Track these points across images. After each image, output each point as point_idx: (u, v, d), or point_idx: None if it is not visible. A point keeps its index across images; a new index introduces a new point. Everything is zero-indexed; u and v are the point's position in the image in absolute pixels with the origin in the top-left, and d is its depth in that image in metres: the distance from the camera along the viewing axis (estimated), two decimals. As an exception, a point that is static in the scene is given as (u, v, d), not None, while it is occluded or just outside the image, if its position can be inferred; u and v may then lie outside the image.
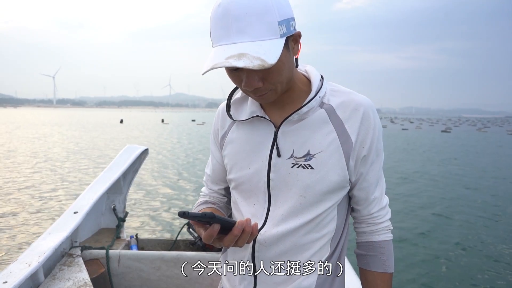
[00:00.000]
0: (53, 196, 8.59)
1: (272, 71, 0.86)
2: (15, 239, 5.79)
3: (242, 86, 0.90)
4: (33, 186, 9.49)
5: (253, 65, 0.79)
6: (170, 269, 2.27)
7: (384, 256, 1.04)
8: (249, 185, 1.01)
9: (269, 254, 0.99)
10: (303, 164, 0.95)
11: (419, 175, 12.27)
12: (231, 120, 1.06)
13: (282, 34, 0.83)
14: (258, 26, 0.81)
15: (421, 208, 8.02)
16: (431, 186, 10.55)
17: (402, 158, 16.73)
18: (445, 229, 6.66)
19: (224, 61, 0.80)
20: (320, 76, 1.00)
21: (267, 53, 0.80)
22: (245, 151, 1.02)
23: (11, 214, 7.08)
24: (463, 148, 23.13)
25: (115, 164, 2.95)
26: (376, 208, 1.03)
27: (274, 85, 0.90)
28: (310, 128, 0.96)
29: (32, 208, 7.49)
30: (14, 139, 22.60)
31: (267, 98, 0.93)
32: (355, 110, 0.96)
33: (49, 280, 1.91)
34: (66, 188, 9.43)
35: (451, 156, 18.43)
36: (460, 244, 5.92)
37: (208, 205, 1.14)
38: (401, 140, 28.96)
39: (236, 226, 0.81)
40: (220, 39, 0.83)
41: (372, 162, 0.99)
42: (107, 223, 2.91)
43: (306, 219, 0.97)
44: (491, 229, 6.71)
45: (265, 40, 0.81)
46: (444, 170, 13.56)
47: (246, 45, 0.81)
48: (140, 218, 7.00)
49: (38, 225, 6.42)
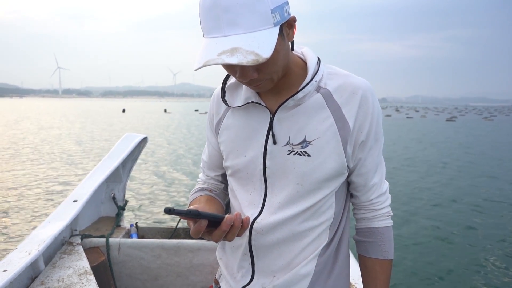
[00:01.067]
0: (54, 185, 8.61)
1: (267, 62, 0.84)
2: (14, 228, 5.82)
3: (236, 77, 0.88)
4: (31, 175, 9.50)
5: (247, 61, 0.76)
6: (171, 257, 2.28)
7: (384, 243, 1.03)
8: (245, 173, 1.00)
9: (265, 242, 0.98)
10: (299, 151, 0.93)
11: (410, 162, 12.46)
12: (226, 106, 1.04)
13: (275, 23, 0.80)
14: (250, 16, 0.77)
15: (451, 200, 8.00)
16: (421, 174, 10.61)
17: (402, 146, 16.77)
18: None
19: (216, 57, 0.77)
20: (317, 59, 0.97)
21: (261, 45, 0.77)
22: (240, 138, 1.00)
23: (11, 202, 7.10)
24: (460, 136, 23.13)
25: (114, 152, 2.94)
26: (376, 194, 1.02)
27: (269, 75, 0.88)
28: (306, 113, 0.94)
29: (31, 197, 7.51)
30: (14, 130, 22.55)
31: (263, 87, 0.91)
32: (352, 93, 0.93)
33: (49, 268, 1.91)
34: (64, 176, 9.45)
35: (446, 144, 18.49)
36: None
37: (204, 192, 1.13)
38: (404, 128, 28.94)
39: (224, 222, 0.80)
40: (210, 31, 0.80)
41: (370, 147, 0.97)
42: (107, 212, 2.91)
43: (303, 207, 0.95)
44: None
45: (258, 31, 0.78)
46: (430, 158, 13.82)
47: (239, 38, 0.77)
48: (140, 207, 7.02)
49: (38, 214, 6.45)
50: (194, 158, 12.76)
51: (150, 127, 26.09)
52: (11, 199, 7.34)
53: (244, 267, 1.02)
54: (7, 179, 9.09)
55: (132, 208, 6.71)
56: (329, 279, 1.01)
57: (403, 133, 24.69)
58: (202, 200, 1.07)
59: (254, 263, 1.01)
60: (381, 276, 1.03)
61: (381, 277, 1.03)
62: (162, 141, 18.04)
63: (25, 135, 19.20)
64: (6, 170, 10.13)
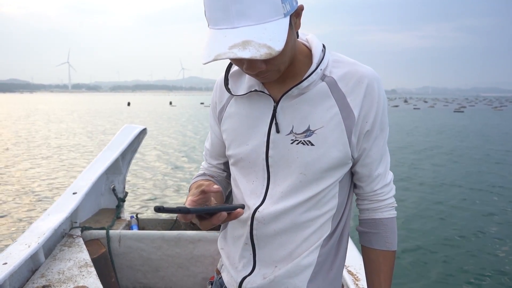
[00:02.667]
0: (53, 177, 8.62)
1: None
2: (13, 220, 5.83)
3: (243, 69, 0.85)
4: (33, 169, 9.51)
5: (260, 55, 0.73)
6: (171, 248, 2.27)
7: (387, 234, 1.01)
8: (247, 162, 0.98)
9: (267, 232, 0.96)
10: (303, 140, 0.91)
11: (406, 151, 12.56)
12: (229, 94, 1.02)
13: (286, 13, 0.77)
14: (261, 6, 0.74)
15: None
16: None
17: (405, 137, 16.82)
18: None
19: (227, 51, 0.74)
20: (322, 46, 0.95)
21: (273, 38, 0.74)
22: (243, 127, 0.99)
23: (10, 196, 7.11)
24: (463, 127, 23.12)
25: (113, 144, 2.92)
26: (380, 184, 1.00)
27: (277, 66, 0.85)
28: (311, 102, 0.92)
29: (32, 190, 7.52)
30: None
31: (269, 78, 0.89)
32: (358, 82, 0.91)
33: (50, 261, 1.90)
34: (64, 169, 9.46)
35: (443, 135, 18.51)
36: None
37: (206, 177, 1.12)
38: (406, 119, 28.92)
39: (216, 217, 0.79)
40: (218, 21, 0.77)
41: (375, 137, 0.95)
42: (107, 204, 2.91)
43: (306, 197, 0.94)
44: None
45: (269, 21, 0.75)
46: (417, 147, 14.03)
47: (249, 29, 0.74)
48: (140, 198, 7.03)
49: (37, 206, 6.46)
50: (193, 150, 12.76)
51: (153, 119, 26.10)
52: (12, 192, 7.35)
53: (245, 257, 1.01)
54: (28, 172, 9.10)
55: (132, 199, 6.72)
56: (331, 270, 1.00)
57: (404, 123, 24.69)
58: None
59: (256, 253, 0.99)
60: (385, 267, 1.02)
61: (384, 268, 1.02)
62: (161, 132, 18.01)
63: (36, 129, 19.19)
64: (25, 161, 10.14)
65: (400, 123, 22.88)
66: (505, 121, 28.10)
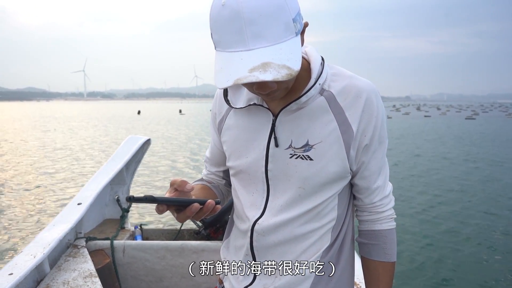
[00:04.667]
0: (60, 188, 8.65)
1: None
2: (19, 231, 5.85)
3: (254, 89, 0.84)
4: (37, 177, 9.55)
5: (281, 76, 0.73)
6: (175, 259, 2.29)
7: (386, 245, 1.02)
8: (247, 174, 1.00)
9: (267, 243, 0.98)
10: (301, 155, 0.92)
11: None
12: (228, 105, 1.03)
13: (297, 32, 0.78)
14: (275, 28, 0.74)
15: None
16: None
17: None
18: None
19: (249, 75, 0.73)
20: (321, 59, 0.95)
21: (290, 58, 0.75)
22: (242, 139, 1.00)
23: (15, 206, 7.14)
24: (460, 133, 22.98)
25: (117, 155, 2.95)
26: (379, 197, 1.01)
27: (287, 84, 0.86)
28: (309, 117, 0.93)
29: (36, 200, 7.55)
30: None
31: (278, 96, 0.90)
32: (356, 96, 0.92)
33: (55, 271, 1.92)
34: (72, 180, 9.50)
35: (435, 140, 18.41)
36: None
37: (203, 182, 1.15)
38: (410, 127, 28.79)
39: (189, 209, 0.81)
40: (231, 44, 0.76)
41: (374, 150, 0.96)
42: (111, 214, 2.93)
43: (305, 209, 0.95)
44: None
45: (283, 42, 0.75)
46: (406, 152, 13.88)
47: (266, 51, 0.74)
48: (144, 209, 7.03)
49: (42, 217, 6.47)
50: (198, 160, 12.79)
51: (159, 128, 26.24)
52: (17, 202, 7.38)
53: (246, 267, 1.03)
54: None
55: (136, 210, 6.72)
56: (331, 281, 1.01)
57: (404, 130, 24.61)
58: (197, 187, 1.10)
59: (256, 264, 1.01)
60: (384, 279, 1.03)
61: (383, 279, 1.03)
62: (165, 141, 18.07)
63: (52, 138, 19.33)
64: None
65: (393, 129, 22.67)
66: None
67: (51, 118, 40.00)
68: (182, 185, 0.84)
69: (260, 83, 0.80)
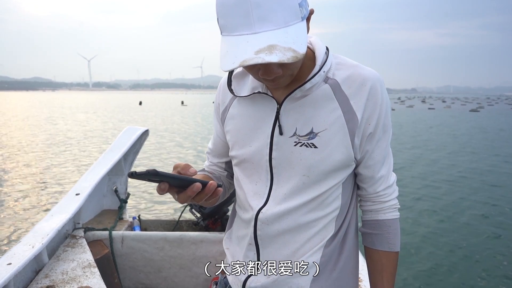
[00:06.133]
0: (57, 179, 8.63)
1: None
2: (17, 221, 5.84)
3: (259, 75, 0.84)
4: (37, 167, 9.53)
5: (287, 58, 0.73)
6: (173, 249, 2.29)
7: (390, 235, 1.02)
8: (251, 163, 1.00)
9: (271, 232, 0.98)
10: (306, 142, 0.92)
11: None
12: (232, 95, 1.03)
13: (303, 17, 0.79)
14: (281, 11, 0.75)
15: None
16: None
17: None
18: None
19: (254, 56, 0.73)
20: (326, 48, 0.96)
21: (296, 41, 0.75)
22: (246, 128, 1.00)
23: (14, 197, 7.13)
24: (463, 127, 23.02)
25: (115, 145, 2.94)
26: (383, 186, 1.01)
27: (292, 70, 0.86)
28: (314, 104, 0.92)
29: (35, 191, 7.54)
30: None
31: (283, 83, 0.90)
32: (361, 85, 0.92)
33: (53, 261, 1.92)
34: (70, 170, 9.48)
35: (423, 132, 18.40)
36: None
37: (204, 172, 1.15)
38: (411, 119, 28.76)
39: (191, 188, 0.79)
40: (237, 28, 0.76)
41: (378, 139, 0.96)
42: (109, 205, 2.92)
43: (309, 198, 0.95)
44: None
45: (289, 26, 0.76)
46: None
47: (272, 34, 0.74)
48: (142, 199, 7.04)
49: (40, 207, 6.47)
50: (197, 147, 12.78)
51: (164, 119, 26.23)
52: (14, 193, 7.37)
53: (249, 256, 1.03)
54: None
55: (134, 200, 6.73)
56: (334, 270, 1.01)
57: (404, 122, 24.63)
58: (198, 176, 1.09)
59: (260, 253, 1.01)
60: (387, 269, 1.03)
61: (387, 269, 1.03)
62: (164, 132, 18.04)
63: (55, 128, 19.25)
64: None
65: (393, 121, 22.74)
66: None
67: (51, 108, 39.85)
68: (186, 168, 0.83)
69: (266, 68, 0.81)
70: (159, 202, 6.88)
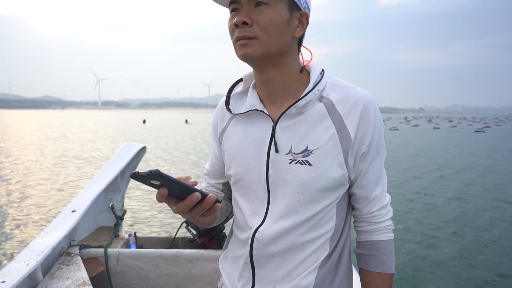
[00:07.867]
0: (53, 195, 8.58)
1: (263, 14, 0.88)
2: (12, 238, 5.78)
3: (232, 24, 0.91)
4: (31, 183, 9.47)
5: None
6: (169, 267, 2.27)
7: (385, 256, 1.02)
8: (248, 181, 1.01)
9: (267, 252, 0.98)
10: (300, 160, 0.94)
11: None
12: (230, 114, 1.05)
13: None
14: None
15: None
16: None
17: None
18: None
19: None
20: (321, 70, 0.99)
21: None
22: (243, 147, 1.01)
23: (9, 212, 7.07)
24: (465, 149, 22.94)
25: (112, 162, 2.94)
26: (377, 207, 1.02)
27: (260, 31, 0.89)
28: (309, 123, 0.95)
29: (29, 208, 7.48)
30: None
31: (250, 47, 0.90)
32: (354, 105, 0.94)
33: (48, 279, 1.90)
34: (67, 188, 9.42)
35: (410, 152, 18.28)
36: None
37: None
38: (411, 138, 28.68)
39: (190, 198, 0.79)
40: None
41: (372, 159, 0.97)
42: (105, 222, 2.90)
43: (304, 217, 0.96)
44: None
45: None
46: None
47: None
48: (138, 216, 6.99)
49: (35, 224, 6.41)
50: (195, 164, 12.76)
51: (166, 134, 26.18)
52: (11, 207, 7.31)
53: (244, 276, 1.03)
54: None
55: (130, 217, 6.68)
56: None
57: (403, 143, 24.60)
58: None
59: (255, 273, 1.01)
60: None
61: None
62: (159, 150, 18.03)
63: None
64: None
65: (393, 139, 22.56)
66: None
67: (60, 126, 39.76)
68: (187, 179, 0.84)
69: (238, 16, 0.89)
70: (155, 219, 6.84)
